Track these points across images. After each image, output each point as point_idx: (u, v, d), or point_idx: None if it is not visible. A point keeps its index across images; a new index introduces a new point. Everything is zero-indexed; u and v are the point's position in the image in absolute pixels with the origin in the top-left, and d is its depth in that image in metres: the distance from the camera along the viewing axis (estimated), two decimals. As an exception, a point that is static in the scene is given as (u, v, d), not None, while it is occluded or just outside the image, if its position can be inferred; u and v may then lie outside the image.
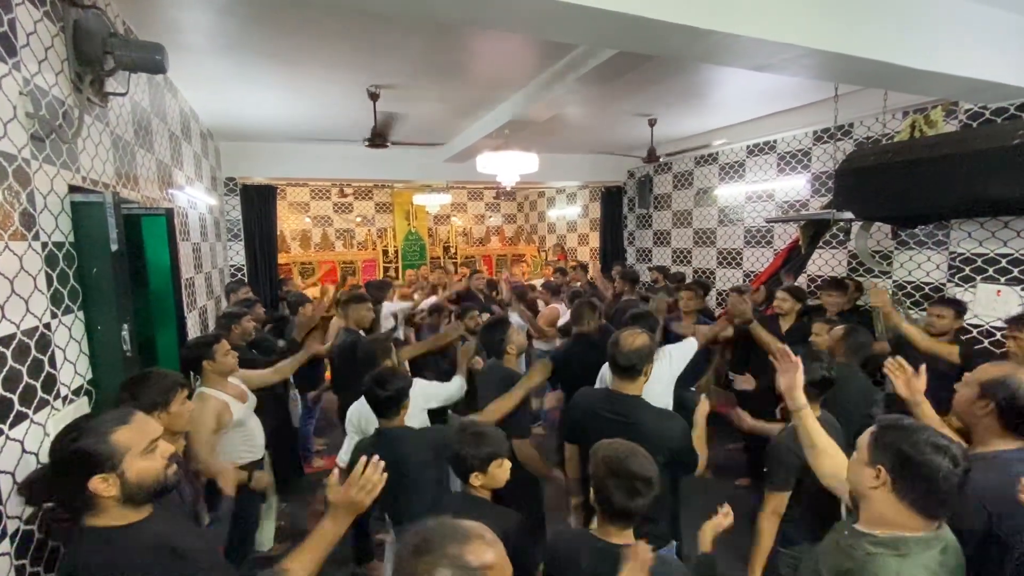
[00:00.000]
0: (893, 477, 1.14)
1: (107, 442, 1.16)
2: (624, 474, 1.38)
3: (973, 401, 1.54)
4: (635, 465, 1.40)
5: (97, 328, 1.88)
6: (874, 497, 1.18)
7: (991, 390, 1.50)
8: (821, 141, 4.79)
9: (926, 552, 1.12)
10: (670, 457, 1.88)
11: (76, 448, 1.14)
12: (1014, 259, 3.13)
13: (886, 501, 1.16)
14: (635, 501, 1.37)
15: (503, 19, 1.95)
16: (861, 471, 1.21)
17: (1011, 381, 1.48)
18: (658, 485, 1.42)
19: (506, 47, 3.21)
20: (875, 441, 1.20)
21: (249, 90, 3.85)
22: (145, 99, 2.87)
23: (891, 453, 1.15)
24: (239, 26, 2.73)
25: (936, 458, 1.10)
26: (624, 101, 4.42)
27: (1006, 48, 2.70)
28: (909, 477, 1.13)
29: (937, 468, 1.10)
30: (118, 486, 1.15)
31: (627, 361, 1.97)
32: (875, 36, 2.34)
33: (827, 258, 4.76)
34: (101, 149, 2.15)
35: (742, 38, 2.07)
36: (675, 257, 6.77)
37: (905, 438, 1.15)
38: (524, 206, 11.80)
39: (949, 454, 1.11)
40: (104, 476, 1.13)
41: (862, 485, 1.21)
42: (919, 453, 1.12)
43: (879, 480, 1.16)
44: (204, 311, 4.01)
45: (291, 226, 9.88)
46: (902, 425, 1.19)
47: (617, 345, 2.00)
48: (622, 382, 2.03)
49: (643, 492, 1.37)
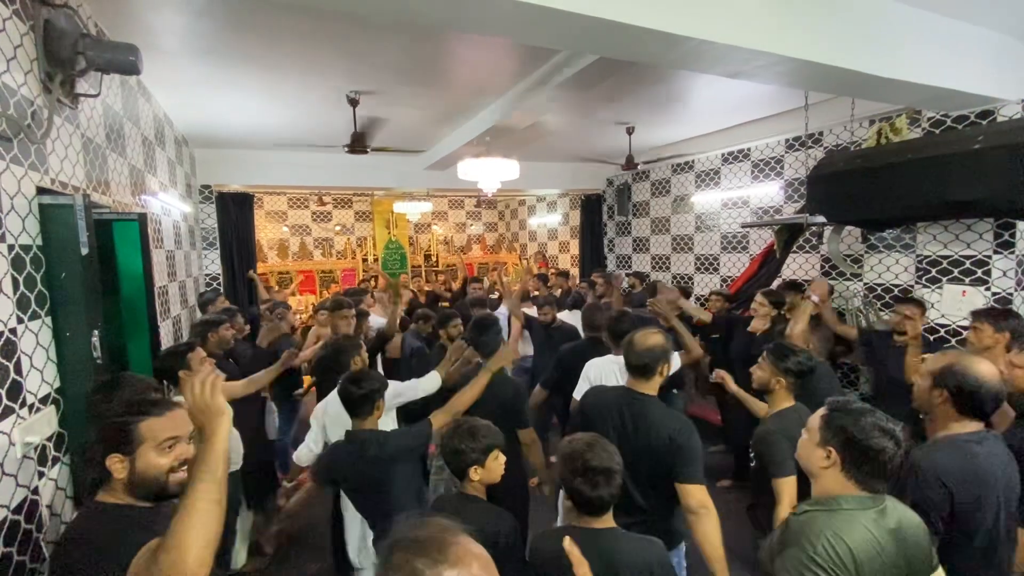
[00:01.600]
0: (843, 458, 1.24)
1: (134, 426, 1.24)
2: (583, 469, 1.44)
3: (929, 391, 1.63)
4: (594, 459, 1.45)
5: (66, 334, 1.81)
6: (824, 475, 1.28)
7: (941, 379, 1.60)
8: (793, 149, 4.93)
9: (860, 511, 1.20)
10: (674, 460, 1.86)
11: (113, 423, 1.24)
12: (977, 260, 3.25)
13: (835, 479, 1.26)
14: (598, 491, 1.43)
15: (480, 22, 1.97)
16: (812, 451, 1.30)
17: (957, 368, 1.58)
18: (620, 474, 1.47)
19: (486, 53, 3.24)
20: (826, 423, 1.29)
21: (225, 95, 3.80)
22: (117, 103, 2.81)
23: (842, 437, 1.25)
24: (214, 29, 2.70)
25: (882, 440, 1.21)
26: (603, 109, 4.49)
27: (967, 58, 2.83)
28: (858, 459, 1.22)
29: (882, 449, 1.20)
30: (126, 471, 1.22)
31: (639, 360, 1.96)
32: (843, 45, 2.42)
33: (800, 262, 4.88)
34: (71, 151, 2.09)
35: (716, 44, 2.13)
36: (654, 263, 6.86)
37: (853, 421, 1.24)
38: (505, 214, 11.85)
39: (893, 437, 1.22)
40: (120, 457, 1.21)
41: (813, 464, 1.30)
42: (866, 436, 1.21)
43: (830, 460, 1.26)
44: (178, 320, 3.91)
45: (268, 235, 9.74)
46: (850, 408, 1.28)
47: (631, 344, 1.99)
48: (636, 381, 2.01)
49: (602, 483, 1.43)
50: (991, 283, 3.20)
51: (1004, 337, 2.39)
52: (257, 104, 4.03)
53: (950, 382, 1.57)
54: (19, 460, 1.51)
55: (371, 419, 2.05)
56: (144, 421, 1.24)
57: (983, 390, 1.53)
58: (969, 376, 1.55)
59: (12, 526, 1.44)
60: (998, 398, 1.55)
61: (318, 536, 3.19)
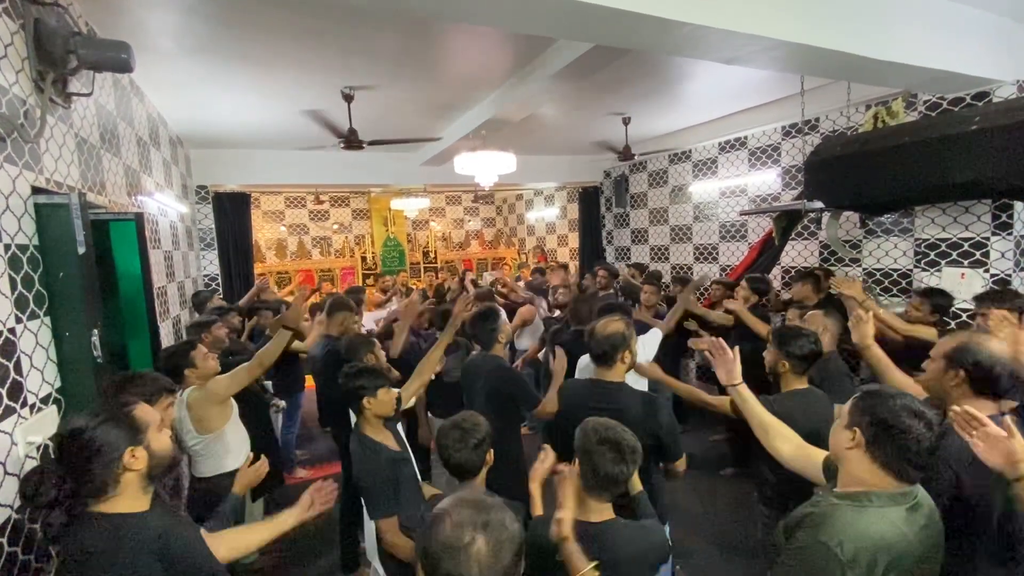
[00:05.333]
0: (867, 438, 1.20)
1: (133, 417, 1.25)
2: (612, 441, 1.46)
3: (943, 374, 1.57)
4: (623, 435, 1.49)
5: (65, 334, 1.81)
6: (850, 458, 1.24)
7: (957, 358, 1.54)
8: (790, 136, 4.92)
9: (891, 507, 1.17)
10: (655, 442, 1.91)
11: (111, 420, 1.21)
12: (976, 243, 3.25)
13: (861, 462, 1.22)
14: (620, 467, 1.45)
15: (473, 12, 1.96)
16: (840, 434, 1.27)
17: (972, 345, 1.53)
18: (641, 456, 1.50)
19: (481, 45, 3.22)
20: (855, 406, 1.26)
21: (219, 94, 3.78)
22: (111, 102, 2.80)
23: (868, 416, 1.21)
24: (207, 27, 2.68)
25: (911, 421, 1.16)
26: (598, 100, 4.48)
27: (962, 40, 2.82)
28: (882, 438, 1.18)
29: (907, 429, 1.15)
30: (145, 459, 1.22)
31: (600, 347, 2.02)
32: (839, 28, 2.41)
33: (800, 249, 4.88)
34: (65, 151, 2.08)
35: (712, 29, 2.12)
36: (653, 254, 6.85)
37: (883, 403, 1.21)
38: (503, 209, 11.83)
39: (924, 419, 1.16)
40: (133, 449, 1.21)
41: (840, 447, 1.27)
42: (894, 416, 1.17)
43: (854, 441, 1.22)
44: (178, 321, 3.91)
45: (266, 235, 9.72)
46: (882, 392, 1.25)
47: (592, 333, 2.05)
48: (601, 369, 2.06)
49: (628, 459, 1.46)
50: (990, 265, 3.20)
51: (1013, 317, 2.37)
52: (251, 102, 4.01)
53: (967, 359, 1.51)
54: (21, 460, 1.51)
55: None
56: (136, 409, 1.28)
57: (999, 367, 1.49)
58: (984, 353, 1.50)
59: (16, 525, 1.44)
60: (1014, 375, 1.50)
61: (327, 531, 3.21)
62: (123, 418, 1.24)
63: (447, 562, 0.92)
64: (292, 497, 1.74)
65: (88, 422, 1.20)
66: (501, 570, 0.93)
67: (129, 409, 1.26)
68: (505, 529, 0.96)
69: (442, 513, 0.98)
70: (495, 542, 0.93)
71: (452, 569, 0.92)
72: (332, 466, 4.21)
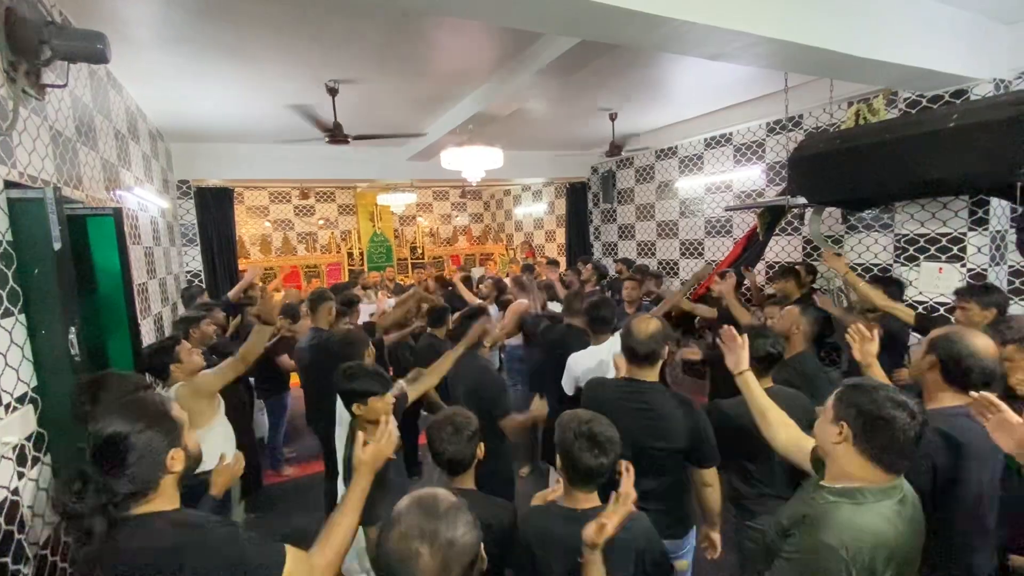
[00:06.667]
0: (854, 432, 1.21)
1: (172, 417, 1.22)
2: (588, 435, 1.47)
3: (923, 356, 1.64)
4: (597, 427, 1.50)
5: (41, 332, 1.77)
6: (837, 452, 1.24)
7: (935, 345, 1.60)
8: (774, 132, 4.97)
9: (883, 501, 1.18)
10: (688, 444, 1.88)
11: (154, 422, 1.17)
12: (953, 238, 3.32)
13: (848, 455, 1.22)
14: (599, 460, 1.46)
15: (459, 5, 1.95)
16: (826, 428, 1.28)
17: (954, 336, 1.58)
18: (620, 447, 1.51)
19: (467, 39, 3.20)
20: (839, 400, 1.27)
21: (199, 87, 3.71)
22: (87, 94, 2.73)
23: (853, 409, 1.22)
24: (186, 17, 2.63)
25: (894, 412, 1.17)
26: (585, 96, 4.48)
27: (940, 38, 2.87)
28: (869, 431, 1.19)
29: (894, 420, 1.16)
30: (183, 459, 1.21)
31: (646, 348, 1.93)
32: (821, 25, 2.44)
33: (783, 244, 4.94)
34: (39, 144, 2.03)
35: (697, 25, 2.12)
36: (640, 250, 6.89)
37: (867, 395, 1.22)
38: (491, 205, 11.81)
39: (907, 409, 1.18)
40: (175, 450, 1.19)
41: (827, 442, 1.27)
42: (878, 408, 1.18)
43: (841, 436, 1.23)
44: (160, 318, 3.84)
45: (250, 231, 9.60)
46: (864, 385, 1.26)
47: (631, 334, 1.96)
48: (640, 369, 1.98)
49: (607, 450, 1.47)
50: (966, 259, 3.27)
51: (990, 313, 2.42)
52: (233, 95, 3.94)
53: (941, 347, 1.58)
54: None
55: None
56: (173, 409, 1.26)
57: (971, 360, 1.52)
58: (961, 344, 1.55)
59: (-9, 527, 1.41)
60: (986, 372, 1.53)
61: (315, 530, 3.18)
62: (164, 418, 1.21)
63: (395, 573, 0.92)
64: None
65: (130, 425, 1.15)
66: None
67: (167, 409, 1.23)
68: (454, 544, 0.93)
69: (395, 517, 0.97)
70: (442, 557, 0.91)
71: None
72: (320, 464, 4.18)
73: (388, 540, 0.94)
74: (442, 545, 0.92)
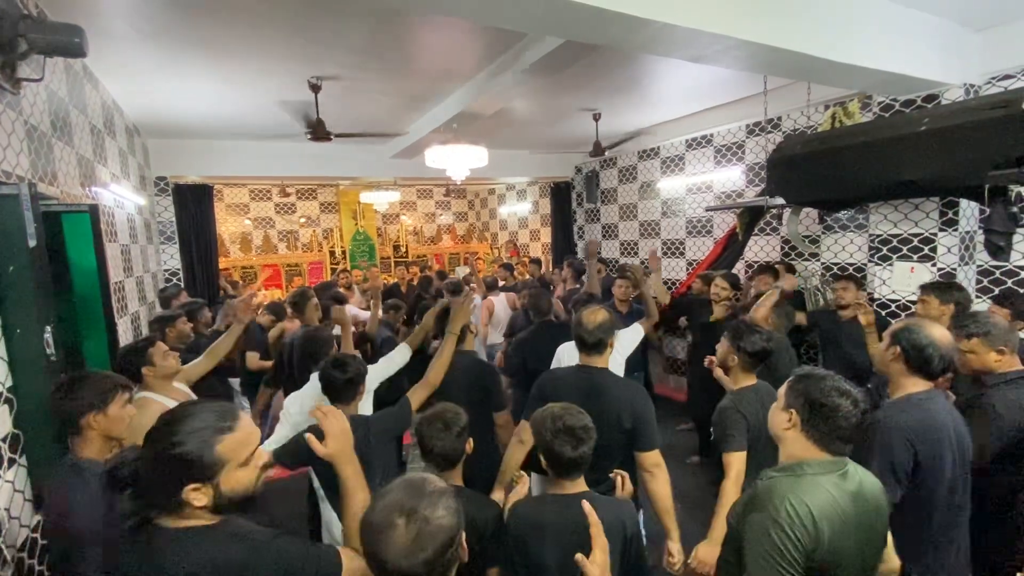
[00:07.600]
0: (802, 418, 1.30)
1: (212, 452, 1.05)
2: (564, 428, 1.51)
3: (886, 349, 1.75)
4: (571, 419, 1.53)
5: (15, 331, 1.74)
6: (787, 438, 1.34)
7: (896, 336, 1.72)
8: (753, 134, 5.07)
9: (824, 475, 1.26)
10: (633, 423, 1.97)
11: (180, 454, 1.02)
12: (924, 238, 3.43)
13: (797, 440, 1.32)
14: (579, 450, 1.50)
15: (443, 3, 1.96)
16: (777, 415, 1.37)
17: (913, 327, 1.70)
18: (595, 431, 1.55)
19: (451, 37, 3.20)
20: (790, 389, 1.36)
21: (178, 82, 3.64)
22: (63, 88, 2.67)
23: (802, 398, 1.31)
24: (163, 11, 2.58)
25: (840, 400, 1.27)
26: (569, 95, 4.51)
27: (913, 44, 2.96)
28: (816, 417, 1.28)
29: (837, 407, 1.26)
30: (210, 497, 1.05)
31: (594, 337, 2.07)
32: (798, 30, 2.50)
33: (762, 244, 5.04)
34: (14, 139, 1.98)
35: (678, 28, 2.16)
36: (623, 249, 6.96)
37: (815, 384, 1.31)
38: (475, 203, 11.80)
39: (851, 397, 1.28)
40: (198, 486, 1.04)
41: (778, 428, 1.37)
42: (824, 396, 1.28)
43: (791, 422, 1.32)
44: (137, 317, 3.77)
45: (230, 229, 9.44)
46: (813, 374, 1.35)
47: (581, 324, 2.09)
48: (590, 357, 2.12)
49: (584, 440, 1.51)
50: (937, 259, 3.39)
51: (949, 309, 2.55)
52: (212, 90, 3.88)
53: (902, 338, 1.70)
54: (-29, 462, 1.45)
55: (354, 404, 2.04)
56: (222, 443, 1.06)
57: (931, 348, 1.65)
58: (921, 334, 1.67)
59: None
60: (945, 359, 1.66)
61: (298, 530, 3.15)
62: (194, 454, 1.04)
63: (371, 543, 0.94)
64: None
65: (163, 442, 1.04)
66: (422, 561, 0.91)
67: (207, 445, 1.06)
68: (430, 521, 0.93)
69: (384, 492, 0.99)
70: (416, 532, 0.92)
71: (375, 550, 0.93)
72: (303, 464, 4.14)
73: (372, 511, 0.96)
74: (418, 520, 0.93)
